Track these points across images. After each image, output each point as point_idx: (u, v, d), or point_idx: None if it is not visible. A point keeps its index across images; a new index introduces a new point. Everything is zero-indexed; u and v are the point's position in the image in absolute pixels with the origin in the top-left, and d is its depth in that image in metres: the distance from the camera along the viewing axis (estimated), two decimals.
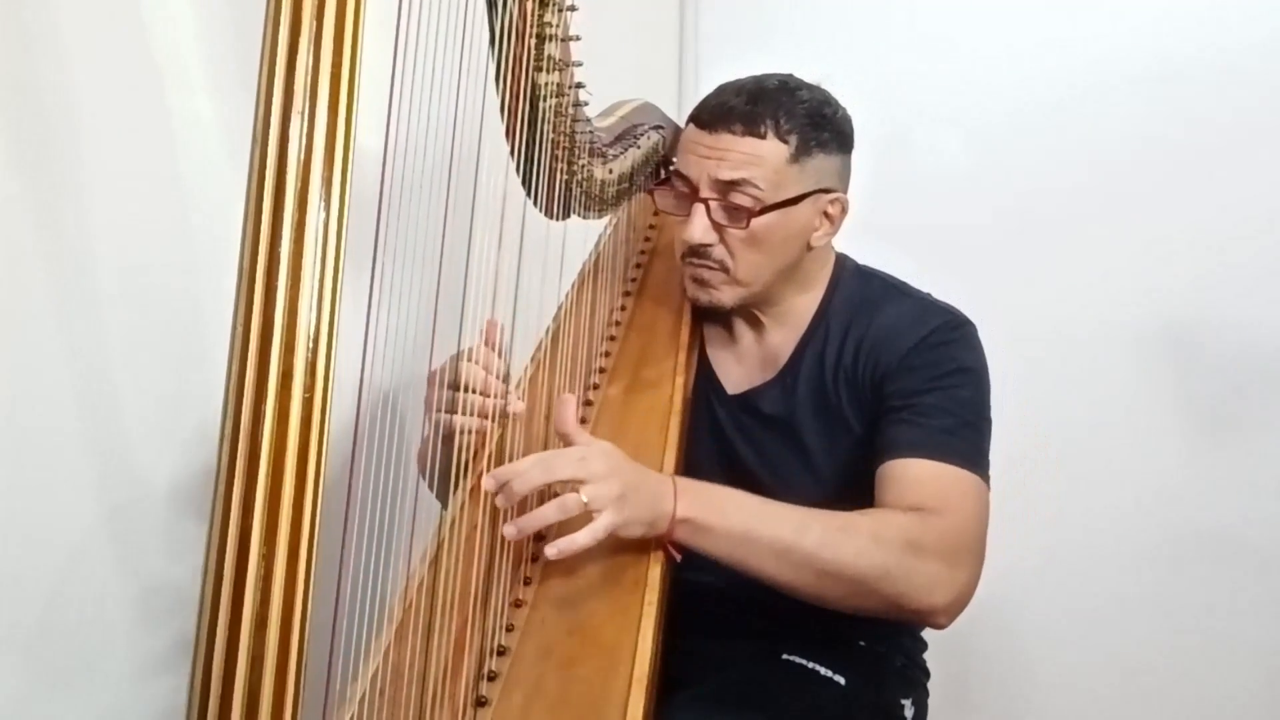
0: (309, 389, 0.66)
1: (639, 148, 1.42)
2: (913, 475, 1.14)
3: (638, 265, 1.47)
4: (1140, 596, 2.06)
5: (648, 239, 1.50)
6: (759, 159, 1.21)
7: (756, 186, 1.20)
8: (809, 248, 1.27)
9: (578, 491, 1.00)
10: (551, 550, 1.01)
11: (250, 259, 0.66)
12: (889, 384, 1.22)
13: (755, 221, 1.21)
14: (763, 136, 1.21)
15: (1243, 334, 2.02)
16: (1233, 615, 2.03)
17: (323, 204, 0.67)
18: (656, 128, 1.49)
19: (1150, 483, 2.06)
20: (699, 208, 1.23)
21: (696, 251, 1.25)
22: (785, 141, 1.21)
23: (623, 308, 1.40)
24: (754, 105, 1.21)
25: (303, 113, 0.67)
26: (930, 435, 1.16)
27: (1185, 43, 2.04)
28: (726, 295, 1.27)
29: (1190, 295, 2.05)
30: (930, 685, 1.32)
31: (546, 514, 1.01)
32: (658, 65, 2.26)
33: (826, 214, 1.27)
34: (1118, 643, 2.08)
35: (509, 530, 1.02)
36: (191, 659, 0.65)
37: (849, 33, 2.18)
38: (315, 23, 0.67)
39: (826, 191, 1.25)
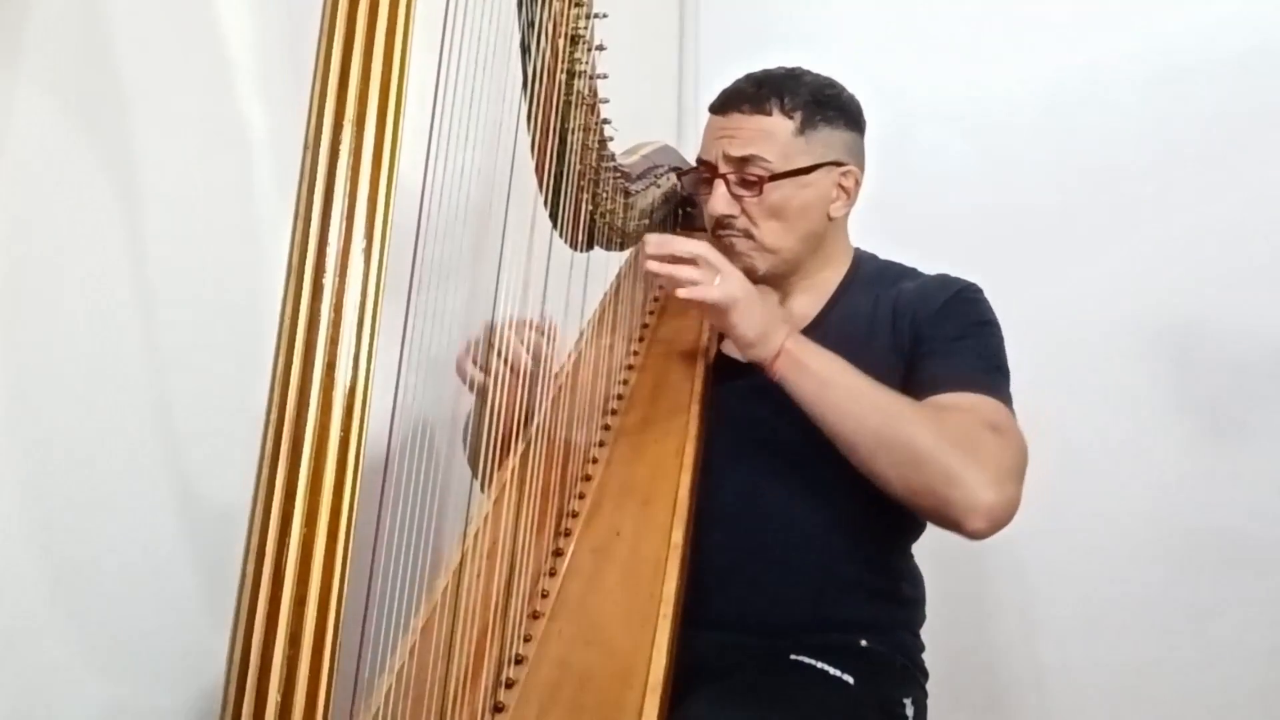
0: (352, 379, 0.70)
1: (659, 187, 1.47)
2: (968, 403, 1.21)
3: (655, 298, 1.50)
4: (1140, 596, 2.07)
5: None
6: (767, 134, 1.31)
7: (766, 160, 1.31)
8: (829, 219, 1.36)
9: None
10: (658, 267, 1.19)
11: (299, 255, 0.70)
12: (926, 328, 1.29)
13: (769, 189, 1.31)
14: (768, 114, 1.32)
15: (1245, 334, 2.04)
16: (1233, 615, 2.03)
17: (369, 205, 0.71)
18: (675, 169, 1.54)
19: (1151, 482, 2.07)
20: (718, 182, 1.34)
21: (722, 223, 1.34)
22: (790, 117, 1.32)
23: (641, 338, 1.43)
24: (760, 88, 1.33)
25: (353, 121, 0.72)
26: (974, 374, 1.24)
27: (1186, 42, 2.09)
28: (757, 261, 1.35)
29: (1191, 295, 2.07)
30: (930, 685, 1.33)
31: (688, 272, 1.17)
32: (658, 67, 2.32)
33: (841, 185, 1.36)
34: (1116, 642, 2.08)
35: (650, 264, 1.19)
36: (230, 634, 0.68)
37: (848, 33, 2.23)
38: (366, 37, 0.72)
39: (838, 165, 1.35)
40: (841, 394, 1.18)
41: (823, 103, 1.34)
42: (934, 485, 1.14)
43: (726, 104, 1.35)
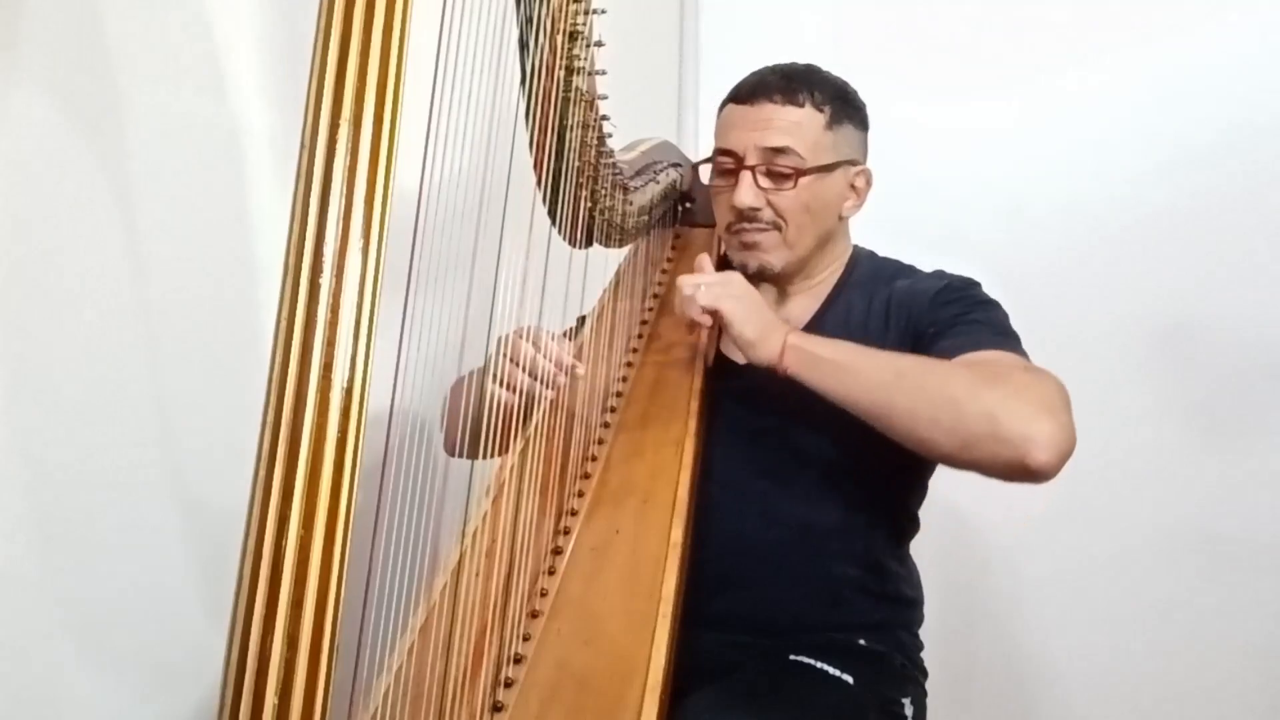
0: (349, 380, 0.70)
1: (658, 183, 1.47)
2: (993, 356, 1.18)
3: (655, 295, 1.50)
4: (1139, 596, 2.06)
5: (664, 270, 1.54)
6: (799, 126, 1.30)
7: (798, 153, 1.29)
8: (840, 218, 1.36)
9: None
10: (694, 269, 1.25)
11: (296, 255, 0.70)
12: (923, 321, 1.27)
13: (803, 184, 1.29)
14: (800, 105, 1.30)
15: (1247, 334, 2.04)
16: (1234, 616, 2.03)
17: (366, 205, 0.71)
18: (674, 165, 1.54)
19: (1151, 484, 2.07)
20: (746, 174, 1.30)
21: (746, 216, 1.31)
22: (821, 110, 1.31)
23: (640, 335, 1.43)
24: (790, 80, 1.31)
25: (350, 120, 0.72)
26: (989, 337, 1.22)
27: (1188, 47, 2.09)
28: (776, 257, 1.34)
29: (1192, 295, 2.07)
30: (930, 685, 1.33)
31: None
32: (658, 64, 2.31)
33: (854, 186, 1.36)
34: (1115, 642, 2.08)
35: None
36: (228, 635, 0.68)
37: (849, 33, 2.22)
38: (363, 36, 0.72)
39: (854, 164, 1.35)
40: (862, 371, 1.16)
41: (846, 99, 1.34)
42: (984, 428, 1.09)
43: (755, 93, 1.32)
